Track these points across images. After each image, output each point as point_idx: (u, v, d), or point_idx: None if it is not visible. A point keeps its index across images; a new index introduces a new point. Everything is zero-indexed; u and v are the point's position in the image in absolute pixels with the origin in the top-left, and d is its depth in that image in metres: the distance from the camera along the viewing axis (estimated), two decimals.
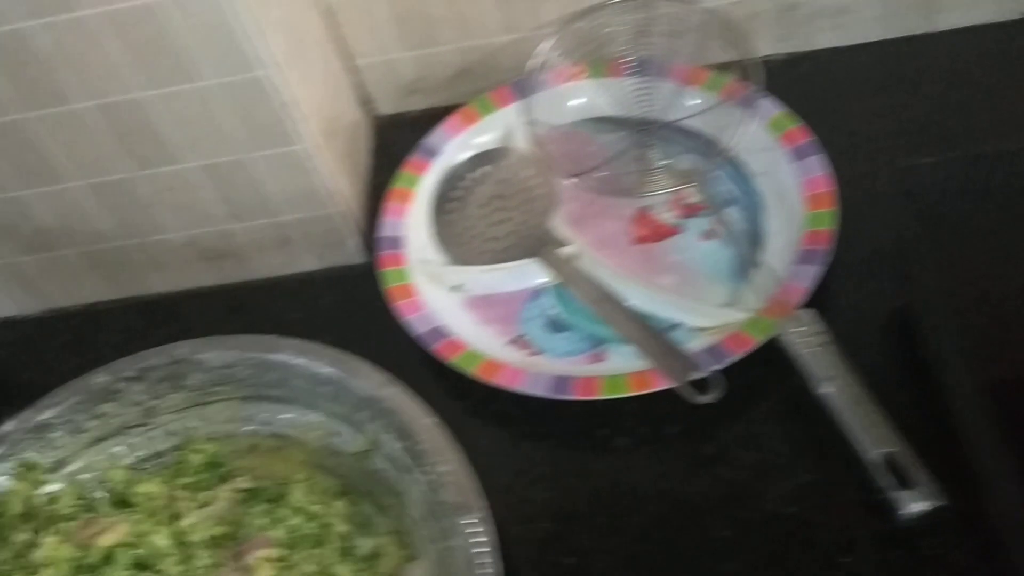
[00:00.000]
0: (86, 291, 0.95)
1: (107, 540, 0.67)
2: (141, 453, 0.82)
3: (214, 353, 0.79)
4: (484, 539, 0.64)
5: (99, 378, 0.79)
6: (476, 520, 0.65)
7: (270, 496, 0.74)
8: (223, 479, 0.78)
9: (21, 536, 0.69)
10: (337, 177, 0.86)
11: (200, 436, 0.80)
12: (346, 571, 0.69)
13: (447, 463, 0.68)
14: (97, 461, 0.80)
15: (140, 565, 0.67)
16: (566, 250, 0.85)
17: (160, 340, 0.90)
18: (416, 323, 0.82)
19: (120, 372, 0.79)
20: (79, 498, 0.73)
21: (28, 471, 0.76)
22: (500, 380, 0.77)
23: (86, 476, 0.79)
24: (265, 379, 0.78)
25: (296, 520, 0.70)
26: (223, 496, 0.74)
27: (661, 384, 0.74)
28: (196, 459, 0.78)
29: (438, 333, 0.81)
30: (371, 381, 0.74)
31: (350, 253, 0.90)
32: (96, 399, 0.79)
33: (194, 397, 0.80)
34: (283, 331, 0.78)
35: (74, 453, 0.80)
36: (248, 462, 0.80)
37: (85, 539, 0.68)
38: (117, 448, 0.81)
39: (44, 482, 0.77)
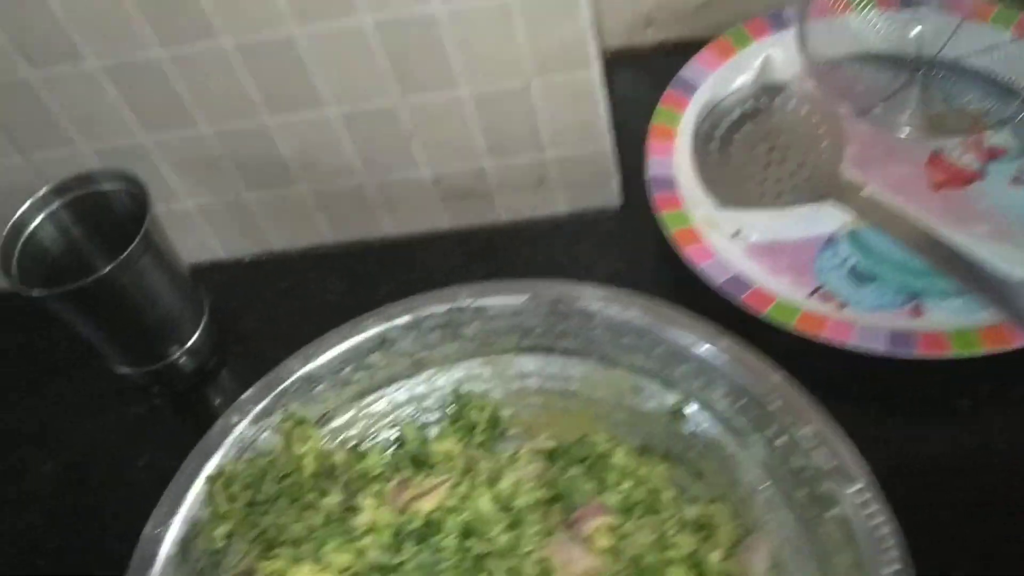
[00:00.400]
0: (308, 233, 0.87)
1: (428, 504, 0.60)
2: (405, 410, 0.74)
3: (499, 299, 0.71)
4: (876, 508, 0.56)
5: (369, 325, 0.71)
6: (861, 488, 0.57)
7: (580, 457, 0.66)
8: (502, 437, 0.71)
9: (330, 499, 0.61)
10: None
11: (474, 391, 0.73)
12: (686, 541, 0.61)
13: (809, 424, 0.60)
14: (359, 417, 0.73)
15: (466, 532, 0.60)
16: (869, 192, 0.77)
17: (392, 287, 0.82)
18: (711, 271, 0.74)
19: (392, 319, 0.71)
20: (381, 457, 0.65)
21: (297, 426, 0.69)
22: (827, 335, 0.69)
23: (351, 433, 0.72)
24: (557, 329, 0.71)
25: (626, 484, 0.63)
26: (524, 457, 0.66)
27: (1020, 340, 0.66)
28: (479, 416, 0.70)
29: (739, 282, 0.73)
30: (693, 332, 0.66)
31: (608, 195, 0.82)
32: (366, 348, 0.71)
33: (469, 348, 0.73)
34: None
35: (337, 408, 0.72)
36: (532, 419, 0.73)
37: (403, 503, 0.61)
38: (379, 405, 0.74)
39: (311, 438, 0.69)
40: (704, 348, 0.65)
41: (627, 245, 0.80)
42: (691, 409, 0.67)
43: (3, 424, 0.88)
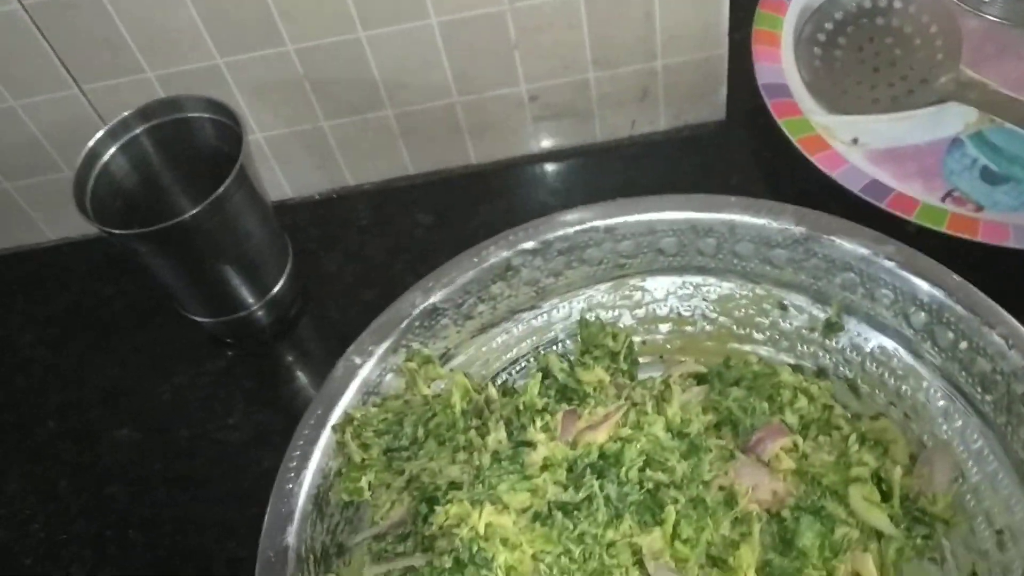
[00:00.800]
0: (388, 164, 0.82)
1: (601, 436, 0.56)
2: (527, 344, 0.70)
3: (626, 219, 0.66)
4: None
5: (492, 252, 0.66)
6: None
7: (734, 380, 0.63)
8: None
9: (494, 436, 0.57)
10: None
11: (600, 320, 0.68)
12: (868, 457, 0.58)
13: (997, 326, 0.57)
14: (482, 353, 0.68)
15: (644, 464, 0.56)
16: (994, 88, 0.74)
17: (485, 218, 0.78)
18: (847, 178, 0.70)
19: (517, 244, 0.66)
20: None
21: (423, 365, 0.64)
22: (983, 236, 0.66)
23: (475, 371, 0.68)
24: (694, 246, 0.66)
25: (801, 402, 0.59)
26: (675, 384, 0.62)
27: None
28: (614, 345, 0.66)
29: (879, 187, 0.69)
30: (853, 239, 0.62)
31: (714, 107, 0.78)
32: (489, 277, 0.66)
33: (596, 273, 0.68)
34: None
35: (459, 345, 0.67)
36: (664, 346, 0.69)
37: (574, 436, 0.56)
38: (503, 338, 0.69)
39: (438, 376, 0.64)
40: (867, 255, 0.61)
41: (735, 160, 0.75)
42: (849, 323, 0.64)
43: (71, 386, 0.81)
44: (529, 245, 0.66)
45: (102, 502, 0.75)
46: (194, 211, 0.65)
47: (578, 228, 0.66)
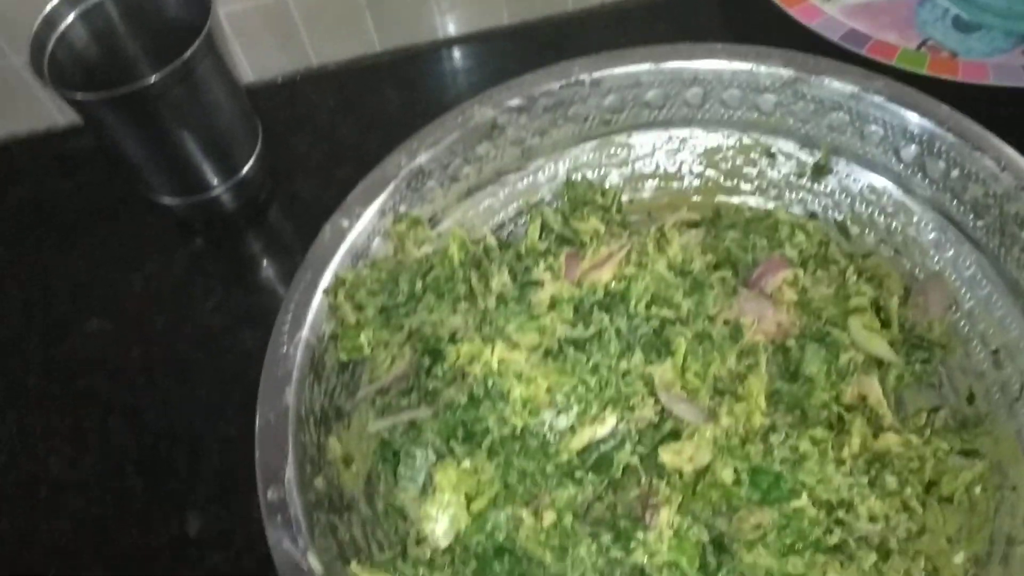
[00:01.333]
0: (354, 42, 0.79)
1: (606, 275, 0.55)
2: (514, 206, 0.68)
3: (612, 71, 0.65)
4: None
5: (477, 111, 0.65)
6: None
7: (730, 224, 0.63)
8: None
9: (498, 279, 0.56)
10: None
11: (587, 180, 0.68)
12: (866, 288, 0.58)
13: (987, 150, 0.57)
14: (469, 217, 0.67)
15: (650, 300, 0.55)
16: None
17: (458, 92, 0.76)
18: (825, 28, 0.70)
19: (502, 102, 0.65)
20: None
21: (412, 227, 0.62)
22: (963, 75, 0.66)
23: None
24: (679, 98, 0.66)
25: (800, 237, 0.59)
26: (671, 232, 0.62)
27: None
28: (603, 200, 0.65)
29: (858, 36, 0.69)
30: (842, 78, 0.62)
31: None
32: (475, 137, 0.65)
33: (582, 130, 0.67)
34: None
35: (445, 208, 0.66)
36: (652, 203, 0.69)
37: (579, 276, 0.55)
38: (489, 201, 0.68)
39: (427, 240, 0.63)
40: (857, 91, 0.61)
41: (708, 22, 0.74)
42: (837, 165, 0.64)
43: (34, 282, 0.78)
44: (514, 103, 0.65)
45: (78, 394, 0.72)
46: (159, 74, 0.62)
47: (563, 83, 0.65)
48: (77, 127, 0.82)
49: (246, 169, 0.75)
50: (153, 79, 0.63)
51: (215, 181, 0.74)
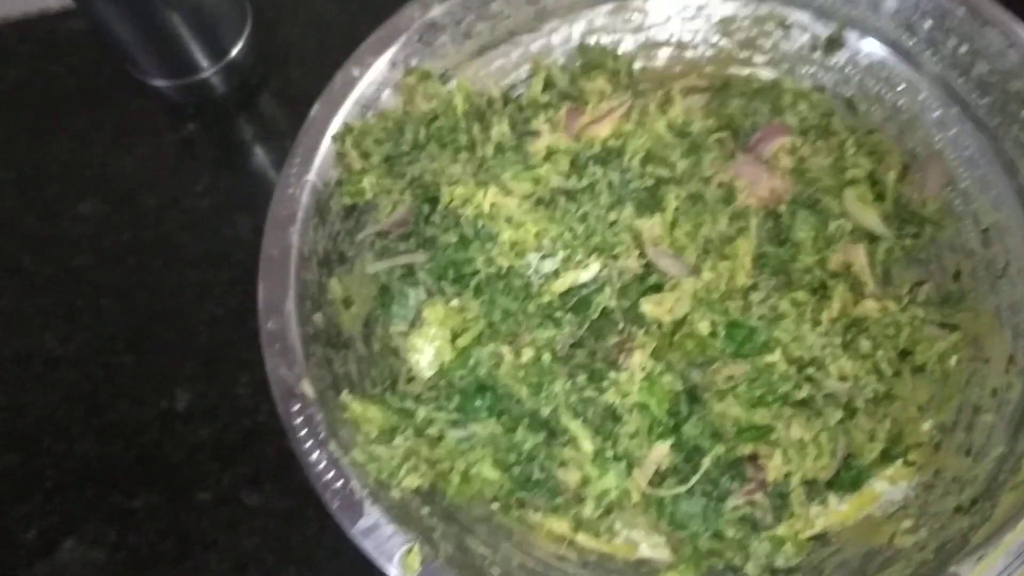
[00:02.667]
0: None
1: (604, 131, 0.56)
2: (525, 68, 0.69)
3: None
4: None
5: None
6: None
7: (738, 92, 0.63)
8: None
9: (498, 128, 0.57)
10: None
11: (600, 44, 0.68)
12: (863, 161, 0.59)
13: (997, 25, 0.57)
14: (480, 76, 0.68)
15: (646, 158, 0.56)
16: None
17: None
18: None
19: None
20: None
21: (421, 80, 0.63)
22: None
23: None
24: None
25: (802, 106, 0.60)
26: (676, 96, 0.62)
27: None
28: (615, 65, 0.66)
29: None
30: None
31: None
32: None
33: None
34: None
35: (457, 65, 0.66)
36: (664, 72, 0.69)
37: (578, 130, 0.56)
38: (501, 61, 0.68)
39: (436, 94, 0.64)
40: None
41: None
42: (849, 39, 0.63)
43: (26, 163, 0.79)
44: None
45: (71, 273, 0.73)
46: None
47: None
48: (69, 10, 0.82)
49: (235, 51, 0.76)
50: None
51: (204, 63, 0.75)
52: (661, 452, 0.50)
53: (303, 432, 0.52)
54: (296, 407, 0.53)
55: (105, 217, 0.75)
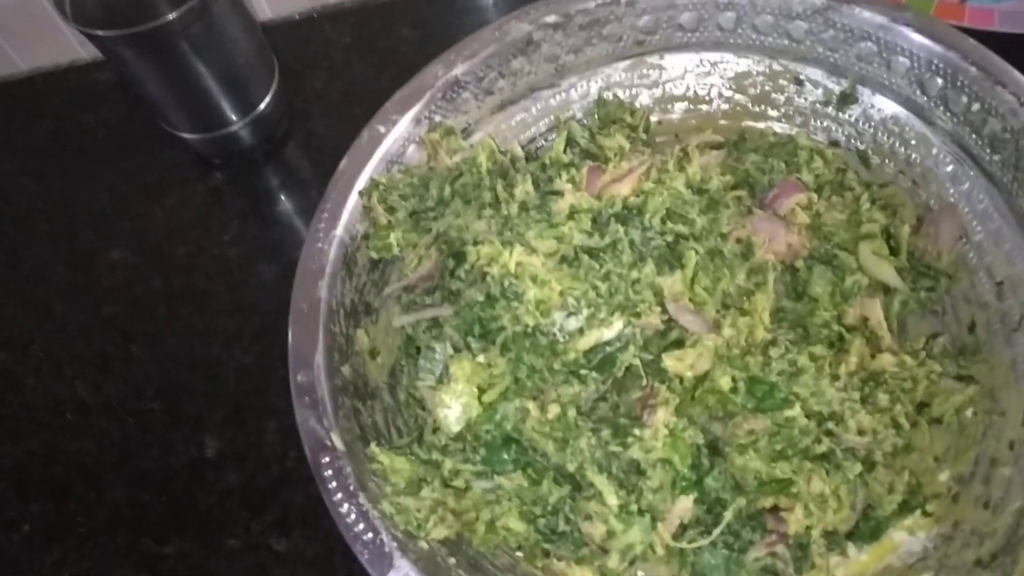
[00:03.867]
0: None
1: (625, 189, 0.58)
2: (546, 121, 0.71)
3: None
4: None
5: (514, 26, 0.67)
6: None
7: (753, 147, 0.64)
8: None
9: (521, 187, 0.58)
10: None
11: (617, 99, 0.70)
12: (878, 215, 0.60)
13: (1009, 85, 0.58)
14: (502, 130, 0.70)
15: (666, 215, 0.58)
16: None
17: (469, 29, 0.77)
18: None
19: (538, 18, 0.67)
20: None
21: (445, 136, 0.65)
22: (969, 21, 0.68)
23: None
24: (713, 20, 0.67)
25: (817, 163, 0.61)
26: (693, 152, 0.64)
27: None
28: (632, 120, 0.67)
29: None
30: (871, 8, 0.63)
31: None
32: (510, 52, 0.67)
33: (616, 50, 0.69)
34: None
35: (479, 120, 0.68)
36: (680, 125, 0.71)
37: (599, 188, 0.58)
38: (522, 116, 0.70)
39: (459, 148, 0.66)
40: (885, 22, 0.62)
41: None
42: (863, 94, 0.65)
43: (59, 213, 0.81)
44: (551, 19, 0.67)
45: (102, 321, 0.75)
46: (178, 12, 0.65)
47: (599, 1, 0.67)
48: (100, 61, 0.84)
49: (263, 105, 0.78)
50: (171, 16, 0.65)
51: (233, 117, 0.77)
52: (685, 506, 0.51)
53: (333, 484, 0.53)
54: (326, 459, 0.54)
55: (135, 266, 0.77)
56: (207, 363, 0.72)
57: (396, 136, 0.65)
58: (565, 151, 0.63)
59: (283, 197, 0.80)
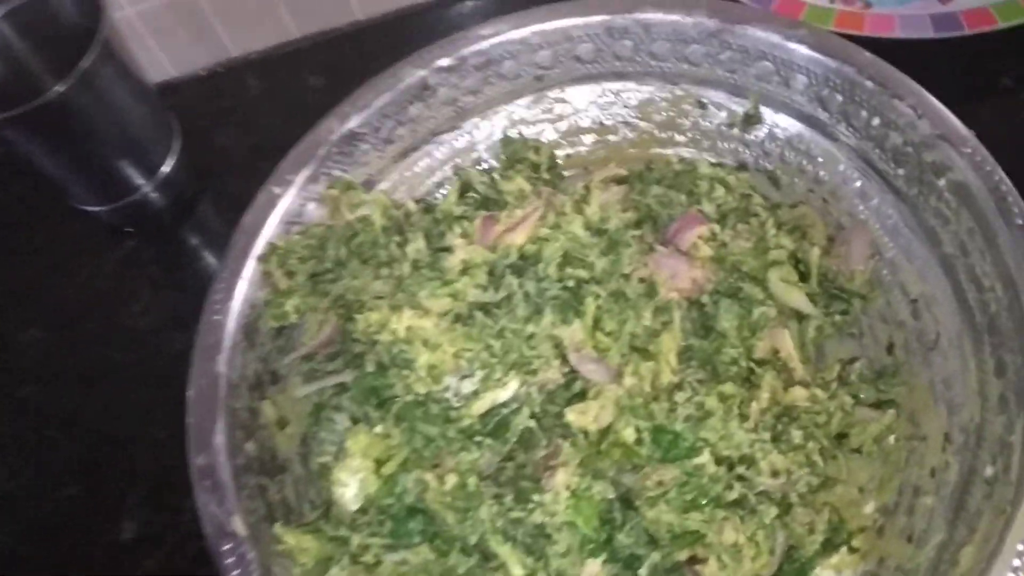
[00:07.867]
0: (270, 30, 0.79)
1: (520, 238, 0.56)
2: (451, 165, 0.69)
3: (546, 25, 0.65)
4: (992, 167, 0.54)
5: (407, 72, 0.65)
6: (973, 149, 0.54)
7: (656, 179, 0.63)
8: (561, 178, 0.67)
9: (413, 245, 0.57)
10: None
11: (524, 135, 0.68)
12: (785, 240, 0.58)
13: (907, 97, 0.57)
14: (405, 178, 0.68)
15: (564, 261, 0.56)
16: None
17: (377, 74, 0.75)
18: None
19: (431, 62, 0.65)
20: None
21: (345, 191, 0.63)
22: (869, 29, 0.65)
23: (399, 196, 0.67)
24: (611, 50, 0.65)
25: (719, 192, 0.59)
26: (598, 186, 0.62)
27: None
28: (537, 158, 0.66)
29: None
30: (766, 28, 0.61)
31: None
32: (406, 98, 0.65)
33: (514, 88, 0.67)
34: None
35: (381, 171, 0.67)
36: (589, 157, 0.69)
37: (493, 240, 0.56)
38: (426, 161, 0.68)
39: (361, 203, 0.64)
40: (779, 41, 0.60)
41: None
42: (766, 114, 0.63)
43: None
44: (444, 62, 0.65)
45: (17, 404, 0.73)
46: (60, 88, 0.63)
47: (493, 41, 0.65)
48: None
49: (167, 168, 0.76)
50: (52, 94, 0.63)
51: (136, 184, 0.75)
52: (593, 570, 0.49)
53: (235, 572, 0.51)
54: (227, 546, 0.52)
55: (48, 344, 0.75)
56: (123, 440, 0.70)
57: (293, 196, 0.63)
58: (465, 198, 0.62)
59: (196, 261, 0.78)
